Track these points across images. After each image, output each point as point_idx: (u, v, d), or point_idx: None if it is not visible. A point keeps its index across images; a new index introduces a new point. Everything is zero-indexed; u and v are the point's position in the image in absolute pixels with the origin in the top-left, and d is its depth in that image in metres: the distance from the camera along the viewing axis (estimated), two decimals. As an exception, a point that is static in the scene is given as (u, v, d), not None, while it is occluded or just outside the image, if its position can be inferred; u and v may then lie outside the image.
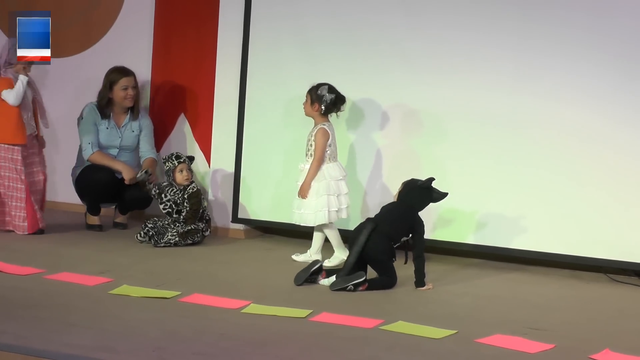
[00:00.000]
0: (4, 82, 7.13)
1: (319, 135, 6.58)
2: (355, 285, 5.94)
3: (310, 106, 6.63)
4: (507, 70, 6.77)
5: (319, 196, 6.56)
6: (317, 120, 6.66)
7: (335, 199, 6.60)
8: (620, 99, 6.53)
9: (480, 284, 6.39)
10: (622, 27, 6.50)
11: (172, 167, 7.17)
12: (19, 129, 7.11)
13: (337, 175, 6.62)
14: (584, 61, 6.59)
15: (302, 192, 6.58)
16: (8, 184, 7.16)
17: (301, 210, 6.63)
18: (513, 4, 6.73)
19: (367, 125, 7.09)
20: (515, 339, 5.05)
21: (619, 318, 5.70)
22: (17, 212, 7.17)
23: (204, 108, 7.76)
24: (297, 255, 6.80)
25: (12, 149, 7.13)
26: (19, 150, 7.13)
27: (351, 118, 7.11)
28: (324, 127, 6.60)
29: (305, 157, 6.67)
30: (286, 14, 7.33)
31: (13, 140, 7.12)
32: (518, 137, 6.76)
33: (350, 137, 7.14)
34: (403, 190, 6.23)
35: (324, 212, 6.56)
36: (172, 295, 5.65)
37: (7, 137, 7.13)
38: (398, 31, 7.01)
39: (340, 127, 6.95)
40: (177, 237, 7.03)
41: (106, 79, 7.56)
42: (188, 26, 7.83)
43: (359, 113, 7.12)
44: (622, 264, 6.60)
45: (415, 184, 6.20)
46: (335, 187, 6.60)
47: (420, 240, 6.11)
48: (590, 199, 6.61)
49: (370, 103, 7.09)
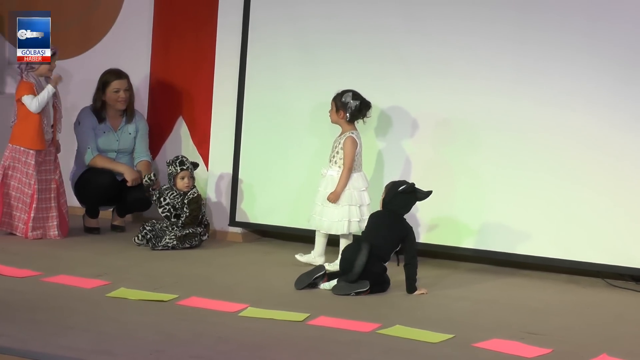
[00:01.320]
0: (25, 86, 7.08)
1: (348, 143, 6.55)
2: (358, 292, 5.95)
3: (336, 114, 6.59)
4: (507, 75, 6.77)
5: (341, 206, 6.55)
6: (345, 128, 6.62)
7: (357, 210, 6.57)
8: (620, 104, 6.53)
9: (477, 288, 6.39)
10: (622, 32, 6.50)
11: (174, 173, 7.16)
12: (39, 134, 7.07)
13: (360, 186, 6.59)
14: (584, 66, 6.59)
15: (333, 199, 6.54)
16: (18, 186, 7.14)
17: (322, 217, 6.61)
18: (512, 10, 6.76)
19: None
20: (512, 343, 5.05)
21: (616, 323, 5.70)
22: (21, 214, 7.15)
23: (203, 111, 7.75)
24: (301, 255, 6.77)
25: (27, 152, 7.09)
26: (33, 155, 7.09)
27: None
28: (352, 135, 6.57)
29: (329, 163, 6.63)
30: (285, 17, 7.32)
31: (31, 146, 7.09)
32: (517, 142, 6.76)
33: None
34: (386, 197, 6.20)
35: (343, 223, 6.54)
36: (169, 299, 5.64)
37: (25, 142, 7.10)
38: (398, 35, 7.01)
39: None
40: (175, 240, 7.03)
41: (99, 81, 7.56)
42: (187, 29, 7.82)
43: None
44: (619, 269, 6.60)
45: (397, 190, 6.18)
46: (357, 197, 6.57)
47: (412, 247, 6.10)
48: (589, 204, 6.61)
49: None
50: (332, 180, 6.58)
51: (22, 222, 7.16)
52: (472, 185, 6.86)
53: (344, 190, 6.54)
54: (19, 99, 7.08)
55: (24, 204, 7.14)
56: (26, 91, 7.05)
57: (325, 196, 6.57)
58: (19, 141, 7.12)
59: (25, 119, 7.08)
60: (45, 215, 7.18)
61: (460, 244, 6.92)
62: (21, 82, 7.12)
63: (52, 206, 7.17)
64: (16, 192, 7.15)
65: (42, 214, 7.16)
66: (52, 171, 7.23)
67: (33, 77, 7.08)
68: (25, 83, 7.09)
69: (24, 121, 7.09)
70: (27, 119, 7.07)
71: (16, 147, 7.13)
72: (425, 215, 6.87)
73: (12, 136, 7.17)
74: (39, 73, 7.10)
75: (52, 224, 7.18)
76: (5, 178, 7.13)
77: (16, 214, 7.18)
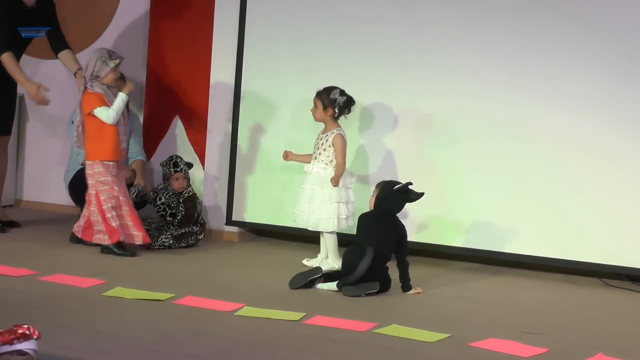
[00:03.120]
0: (94, 98, 6.74)
1: (338, 140, 6.54)
2: (369, 294, 5.94)
3: (324, 111, 6.59)
4: (496, 73, 6.78)
5: (330, 203, 6.55)
6: (330, 125, 6.62)
7: (345, 207, 6.58)
8: (616, 104, 6.54)
9: (474, 287, 6.39)
10: (614, 35, 6.52)
11: (168, 174, 7.16)
12: (115, 145, 6.77)
13: (347, 183, 6.61)
14: (575, 66, 6.60)
15: (334, 182, 6.52)
16: (110, 198, 6.76)
17: (310, 215, 6.61)
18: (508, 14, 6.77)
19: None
20: (508, 342, 5.05)
21: (612, 322, 5.71)
22: (129, 222, 6.81)
23: (199, 110, 7.75)
24: (308, 260, 6.76)
25: (107, 164, 6.75)
26: (113, 166, 6.78)
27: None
28: (340, 132, 6.58)
29: (314, 160, 6.65)
30: (282, 18, 7.32)
31: (110, 157, 6.76)
32: (512, 142, 6.77)
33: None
34: (379, 196, 6.19)
35: (333, 220, 6.55)
36: (165, 298, 5.64)
37: (103, 154, 6.75)
38: (393, 30, 7.01)
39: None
40: (171, 239, 7.02)
41: None
42: (183, 29, 7.82)
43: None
44: (615, 269, 6.62)
45: (391, 189, 6.17)
46: (345, 194, 6.59)
47: (406, 246, 6.10)
48: (585, 204, 6.62)
49: (360, 102, 7.05)
50: (319, 177, 6.58)
51: (135, 230, 6.80)
52: (467, 185, 6.87)
53: (333, 188, 6.53)
54: (90, 112, 6.72)
55: (125, 213, 6.80)
56: (97, 103, 6.71)
57: (311, 194, 6.58)
58: (96, 155, 6.75)
59: (99, 132, 6.74)
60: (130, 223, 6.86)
61: (455, 243, 6.92)
62: (87, 94, 6.75)
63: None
64: (113, 204, 6.77)
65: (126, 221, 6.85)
66: (123, 178, 6.94)
67: (99, 86, 6.73)
68: (92, 94, 6.73)
69: (99, 134, 6.74)
70: (102, 132, 6.74)
71: (96, 163, 6.75)
72: (417, 214, 6.87)
73: (89, 153, 6.77)
74: (104, 82, 6.75)
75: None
76: (98, 198, 6.75)
77: (127, 223, 6.81)
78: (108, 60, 6.73)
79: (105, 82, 6.75)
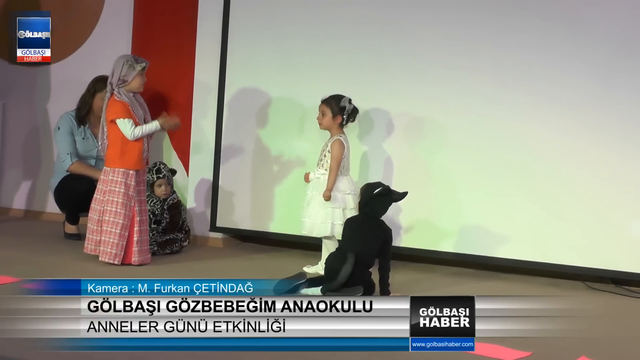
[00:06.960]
0: (120, 107, 6.51)
1: (335, 146, 6.53)
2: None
3: (333, 119, 6.57)
4: (486, 78, 6.80)
5: (324, 207, 6.55)
6: (334, 132, 6.59)
7: (341, 212, 6.55)
8: (599, 108, 6.56)
9: (457, 291, 6.38)
10: (598, 35, 6.55)
11: (151, 181, 7.15)
12: (140, 155, 6.62)
13: (345, 189, 6.56)
14: (565, 70, 6.62)
15: (326, 197, 6.50)
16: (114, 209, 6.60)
17: (305, 218, 6.61)
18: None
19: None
20: (492, 346, 5.05)
21: (595, 325, 5.71)
22: (114, 239, 6.60)
23: (183, 116, 7.71)
24: (309, 267, 6.75)
25: (127, 173, 6.58)
26: (133, 176, 6.60)
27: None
28: (340, 138, 6.57)
29: (317, 167, 6.63)
30: (264, 23, 7.33)
31: (134, 166, 6.60)
32: (498, 147, 6.78)
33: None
34: (362, 200, 6.16)
35: (327, 225, 6.54)
36: (149, 304, 5.62)
37: (125, 163, 6.57)
38: (378, 40, 7.03)
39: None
40: (155, 246, 7.01)
41: (91, 85, 7.53)
42: (167, 36, 7.82)
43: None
44: (599, 272, 6.63)
45: (371, 193, 6.17)
46: (341, 199, 6.56)
47: (389, 250, 6.07)
48: (568, 208, 6.64)
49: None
50: (318, 183, 6.57)
51: (118, 248, 6.58)
52: (452, 189, 6.87)
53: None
54: (112, 120, 6.53)
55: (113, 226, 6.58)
56: (122, 113, 6.49)
57: (310, 199, 6.58)
58: (118, 163, 6.57)
59: (124, 140, 6.54)
60: (146, 238, 6.74)
61: (440, 248, 6.93)
62: (113, 101, 6.54)
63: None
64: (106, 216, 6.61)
65: (145, 237, 6.72)
66: (143, 190, 6.76)
67: (125, 94, 6.54)
68: (118, 103, 6.52)
69: (124, 142, 6.55)
70: (127, 140, 6.54)
71: (115, 170, 6.58)
72: (403, 218, 6.88)
73: (109, 159, 6.60)
74: (130, 88, 6.55)
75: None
76: (128, 207, 6.57)
77: (107, 239, 6.60)
78: (134, 63, 6.56)
79: (133, 86, 6.56)
